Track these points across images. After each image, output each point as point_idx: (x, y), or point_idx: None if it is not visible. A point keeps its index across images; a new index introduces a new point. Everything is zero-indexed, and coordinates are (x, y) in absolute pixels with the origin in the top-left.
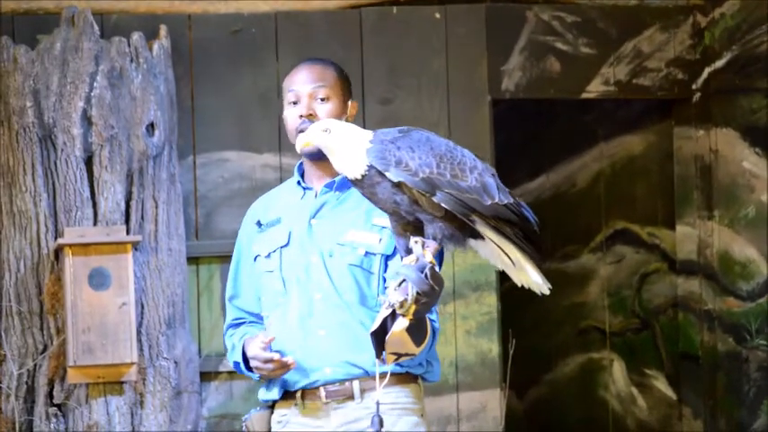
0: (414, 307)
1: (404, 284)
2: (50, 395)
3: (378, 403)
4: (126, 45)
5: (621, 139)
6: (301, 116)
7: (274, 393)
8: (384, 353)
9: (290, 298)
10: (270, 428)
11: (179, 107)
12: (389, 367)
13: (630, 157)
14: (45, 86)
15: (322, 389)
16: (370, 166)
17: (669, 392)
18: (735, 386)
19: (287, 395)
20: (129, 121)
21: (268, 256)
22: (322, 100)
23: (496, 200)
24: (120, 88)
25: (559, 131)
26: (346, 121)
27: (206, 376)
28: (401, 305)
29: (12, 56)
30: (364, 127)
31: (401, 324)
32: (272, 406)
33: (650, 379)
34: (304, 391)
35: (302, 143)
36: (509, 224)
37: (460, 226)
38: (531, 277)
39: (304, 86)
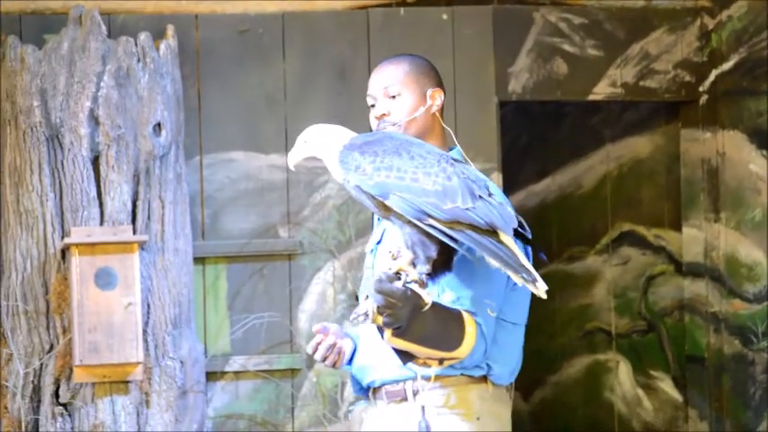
0: (379, 317)
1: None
2: (56, 394)
3: (422, 407)
4: (133, 45)
5: (628, 141)
6: (377, 117)
7: (354, 387)
8: (409, 359)
9: None
10: (361, 422)
11: (186, 107)
12: (435, 370)
13: (637, 160)
14: (52, 86)
15: (383, 389)
16: None
17: (675, 394)
18: (741, 388)
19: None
20: (135, 120)
21: (371, 251)
22: (393, 97)
23: (458, 204)
24: (126, 88)
25: (566, 133)
26: (429, 110)
27: (212, 376)
28: (366, 316)
29: (19, 55)
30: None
31: (386, 334)
32: None
33: (656, 381)
34: (374, 389)
35: (289, 162)
36: (474, 228)
37: (428, 232)
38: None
39: (376, 89)
